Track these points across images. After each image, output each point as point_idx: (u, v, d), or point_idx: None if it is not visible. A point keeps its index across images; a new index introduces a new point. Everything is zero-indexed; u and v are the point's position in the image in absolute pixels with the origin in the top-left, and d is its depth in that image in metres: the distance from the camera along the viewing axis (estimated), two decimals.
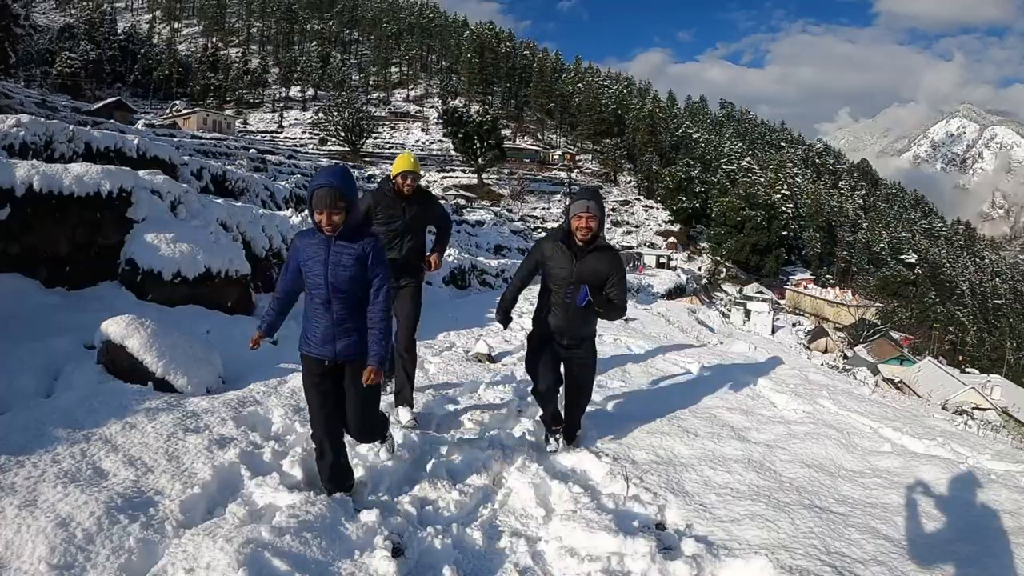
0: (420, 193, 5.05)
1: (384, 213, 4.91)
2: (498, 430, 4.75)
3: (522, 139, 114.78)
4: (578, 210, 4.19)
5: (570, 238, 4.27)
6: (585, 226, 4.15)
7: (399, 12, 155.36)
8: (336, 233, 3.24)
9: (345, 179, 3.24)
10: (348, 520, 3.15)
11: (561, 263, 4.28)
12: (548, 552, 3.22)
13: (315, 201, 3.19)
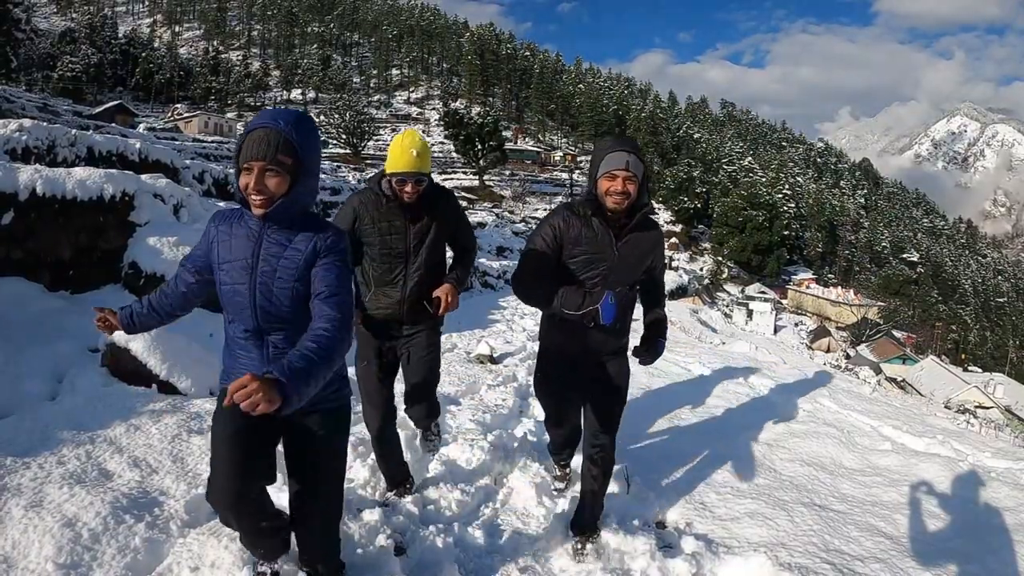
0: (431, 195, 3.27)
1: (374, 228, 3.23)
2: (500, 430, 4.76)
3: (523, 140, 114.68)
4: (612, 165, 2.82)
5: (602, 208, 2.92)
6: (621, 189, 2.81)
7: (399, 14, 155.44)
8: (270, 212, 2.09)
9: (301, 125, 2.10)
10: (351, 519, 3.17)
11: (595, 245, 2.97)
12: (550, 551, 3.24)
13: (244, 151, 2.06)
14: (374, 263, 3.33)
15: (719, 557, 3.30)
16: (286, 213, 2.12)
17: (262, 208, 2.07)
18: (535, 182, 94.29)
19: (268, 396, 1.65)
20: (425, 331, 3.46)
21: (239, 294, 2.21)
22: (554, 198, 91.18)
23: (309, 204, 2.20)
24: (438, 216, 3.33)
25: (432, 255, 3.36)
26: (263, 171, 2.03)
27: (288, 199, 2.08)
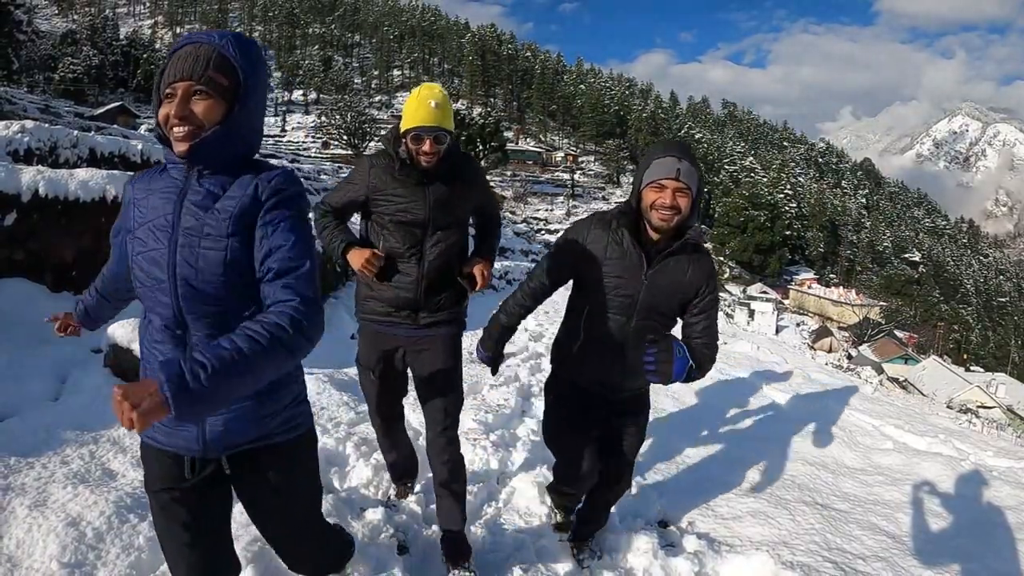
0: (454, 161, 2.81)
1: (388, 197, 2.78)
2: (502, 430, 4.77)
3: (524, 141, 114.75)
4: (660, 172, 2.40)
5: (639, 224, 2.55)
6: (670, 203, 2.38)
7: (400, 15, 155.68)
8: (198, 146, 1.61)
9: (242, 41, 1.69)
10: (354, 518, 3.19)
11: (620, 268, 2.57)
12: (552, 550, 3.25)
13: (166, 73, 1.61)
14: (385, 232, 2.82)
15: (721, 556, 3.31)
16: (220, 150, 1.63)
17: (186, 141, 1.58)
18: (536, 183, 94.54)
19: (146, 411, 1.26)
20: (444, 328, 2.92)
21: (154, 265, 1.66)
22: (555, 198, 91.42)
23: (253, 147, 1.73)
24: (462, 182, 2.86)
25: (455, 226, 2.88)
26: (189, 93, 1.57)
27: (223, 130, 1.61)
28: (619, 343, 2.67)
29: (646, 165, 2.46)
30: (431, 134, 2.64)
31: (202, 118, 1.59)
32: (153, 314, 1.72)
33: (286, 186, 1.69)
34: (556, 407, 2.99)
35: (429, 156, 2.68)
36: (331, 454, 3.92)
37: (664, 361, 2.26)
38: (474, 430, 4.67)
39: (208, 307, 1.65)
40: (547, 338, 9.67)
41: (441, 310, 2.89)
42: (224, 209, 1.64)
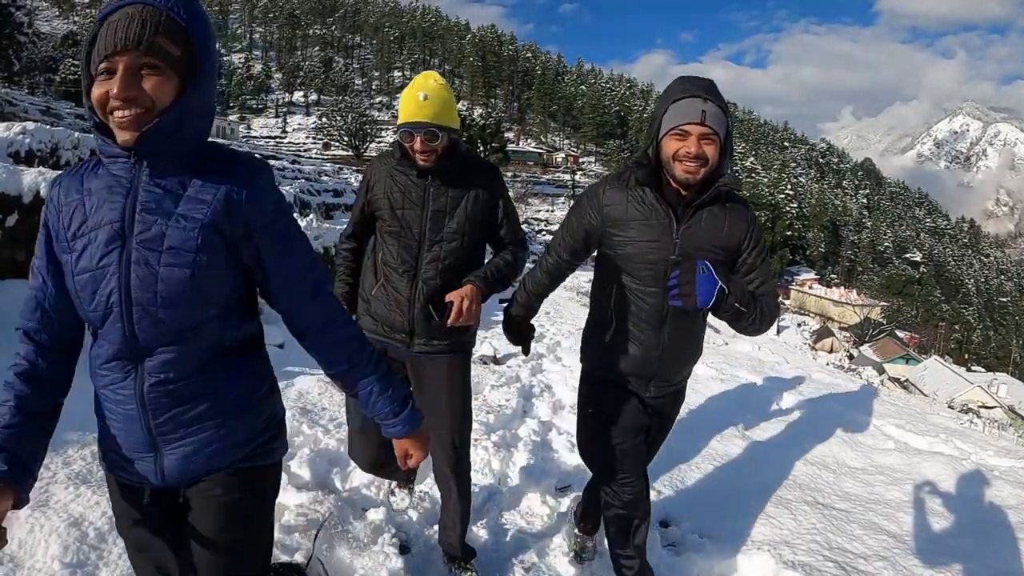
0: (464, 165, 2.55)
1: (385, 196, 2.56)
2: (503, 431, 4.78)
3: (525, 142, 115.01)
4: (682, 117, 2.06)
5: (659, 178, 2.20)
6: (696, 152, 2.04)
7: (401, 16, 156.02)
8: (148, 135, 1.29)
9: (187, 2, 1.33)
10: (356, 519, 3.19)
11: (646, 230, 2.22)
12: (553, 550, 3.25)
13: (100, 43, 1.27)
14: (383, 240, 2.61)
15: (722, 555, 3.31)
16: (175, 139, 1.31)
17: (133, 128, 1.26)
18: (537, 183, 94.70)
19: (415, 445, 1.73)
20: (446, 356, 2.62)
21: (99, 288, 1.34)
22: (556, 199, 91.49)
23: (206, 131, 1.41)
24: (471, 191, 2.53)
25: (457, 241, 2.53)
26: (134, 68, 1.24)
27: (177, 113, 1.29)
28: (656, 321, 2.31)
29: (663, 109, 2.10)
30: (419, 131, 2.40)
31: (152, 98, 1.27)
32: (102, 340, 1.41)
33: (269, 192, 1.45)
34: (591, 411, 2.55)
35: (424, 156, 2.44)
36: (332, 455, 3.92)
37: (686, 283, 2.01)
38: (475, 431, 4.68)
39: (170, 336, 1.37)
40: (548, 339, 9.68)
41: (439, 338, 2.58)
42: (190, 216, 1.34)
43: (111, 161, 1.37)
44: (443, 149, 2.48)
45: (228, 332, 1.47)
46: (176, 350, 1.39)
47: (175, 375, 1.40)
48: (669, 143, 2.10)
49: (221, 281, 1.41)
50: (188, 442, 1.46)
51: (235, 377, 1.49)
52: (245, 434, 1.53)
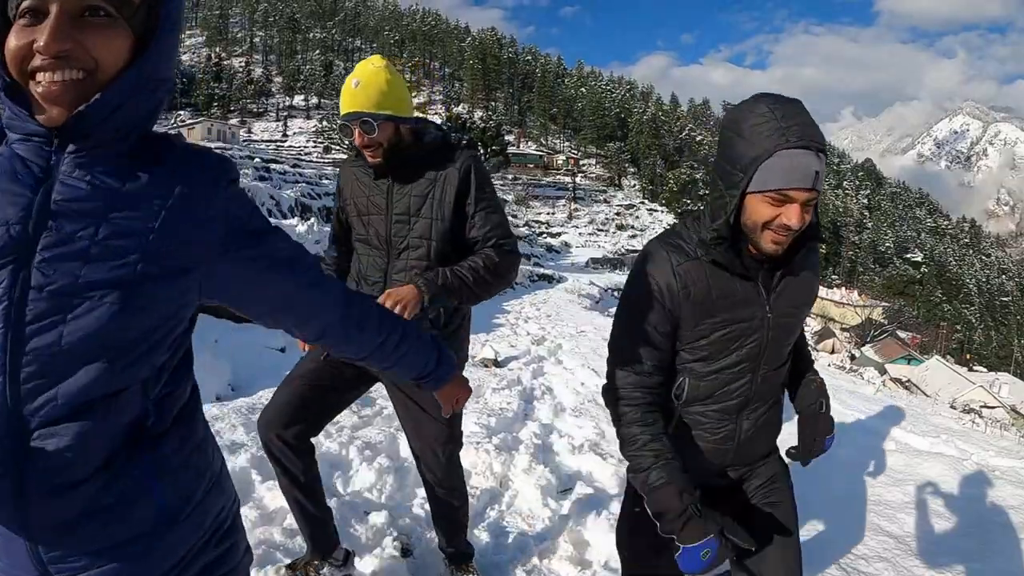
0: (426, 154, 2.28)
1: (352, 203, 2.40)
2: (504, 433, 4.79)
3: (526, 144, 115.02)
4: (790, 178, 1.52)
5: (739, 243, 1.69)
6: (797, 225, 1.55)
7: (401, 20, 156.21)
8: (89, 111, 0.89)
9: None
10: (358, 522, 3.20)
11: (732, 309, 1.75)
12: (555, 552, 3.26)
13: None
14: (356, 248, 2.46)
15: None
16: (120, 119, 0.93)
17: (62, 104, 0.88)
18: (538, 186, 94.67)
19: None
20: None
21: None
22: (557, 202, 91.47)
23: (158, 107, 1.01)
24: (437, 187, 2.24)
25: (424, 248, 2.27)
26: (73, 11, 0.87)
27: (127, 85, 0.92)
28: (735, 413, 1.85)
29: (760, 156, 1.52)
30: (353, 122, 2.16)
31: (96, 58, 0.88)
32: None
33: (241, 195, 1.10)
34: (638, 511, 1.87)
35: (369, 151, 2.21)
36: (334, 458, 3.94)
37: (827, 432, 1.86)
38: (476, 434, 4.69)
39: (69, 410, 0.90)
40: (548, 342, 9.70)
41: None
42: (128, 225, 0.93)
43: (19, 142, 0.93)
44: (389, 141, 2.20)
45: (155, 404, 1.03)
46: (76, 432, 0.90)
47: (73, 472, 0.91)
48: (760, 207, 1.57)
49: (162, 325, 0.99)
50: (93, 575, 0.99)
51: (161, 473, 1.03)
52: (174, 559, 1.08)
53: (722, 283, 1.72)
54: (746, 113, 1.57)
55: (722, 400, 1.84)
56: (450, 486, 2.67)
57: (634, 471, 1.76)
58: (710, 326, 1.75)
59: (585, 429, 5.12)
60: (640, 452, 1.73)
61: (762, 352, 1.80)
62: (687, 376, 1.84)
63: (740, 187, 1.57)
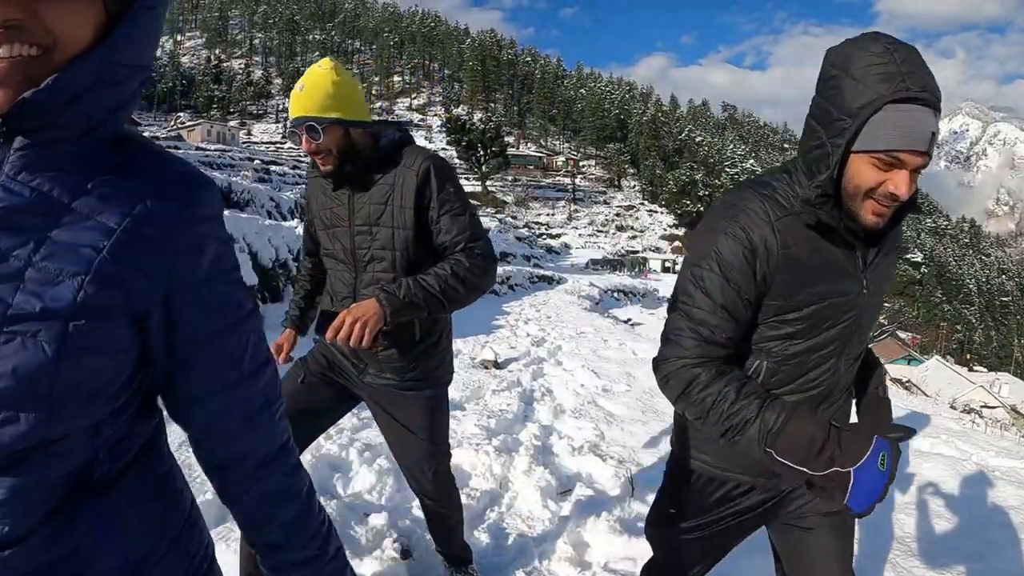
0: (383, 160, 2.12)
1: (320, 219, 2.28)
2: (504, 435, 4.78)
3: (525, 146, 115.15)
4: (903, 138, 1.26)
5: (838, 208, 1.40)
6: (904, 193, 1.30)
7: (400, 21, 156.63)
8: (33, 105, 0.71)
9: None
10: (357, 524, 3.20)
11: (830, 279, 1.48)
12: (554, 554, 3.26)
13: None
14: (326, 263, 2.35)
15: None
16: (80, 111, 0.76)
17: (7, 86, 0.71)
18: (538, 187, 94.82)
19: None
20: (410, 395, 2.26)
21: None
22: (556, 203, 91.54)
23: (130, 101, 0.83)
24: (396, 194, 2.09)
25: (388, 260, 2.14)
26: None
27: (92, 67, 0.74)
28: (814, 406, 1.60)
29: (875, 99, 1.26)
30: (299, 128, 2.03)
31: (54, 31, 0.72)
32: None
33: (214, 226, 0.90)
34: (674, 512, 1.81)
35: (319, 159, 2.07)
36: (334, 460, 3.94)
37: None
38: (476, 435, 4.69)
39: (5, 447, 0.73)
40: (548, 343, 9.69)
41: (392, 373, 2.22)
42: (73, 248, 0.76)
43: None
44: (339, 147, 2.06)
45: (108, 448, 0.86)
46: (10, 486, 0.75)
47: (10, 528, 0.76)
48: (865, 169, 1.33)
49: (106, 371, 0.80)
50: None
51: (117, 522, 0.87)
52: None
53: (822, 248, 1.46)
54: (859, 50, 1.30)
55: (803, 390, 1.58)
56: (441, 498, 2.57)
57: (736, 431, 1.43)
58: (806, 297, 1.48)
59: (585, 430, 5.12)
60: (737, 405, 1.42)
61: (852, 334, 1.57)
62: (765, 359, 1.56)
63: (846, 137, 1.31)
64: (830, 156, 1.35)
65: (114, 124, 0.82)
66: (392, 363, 2.20)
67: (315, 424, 2.39)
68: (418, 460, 2.41)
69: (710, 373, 1.46)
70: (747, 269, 1.44)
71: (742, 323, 1.50)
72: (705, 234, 1.52)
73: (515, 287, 21.04)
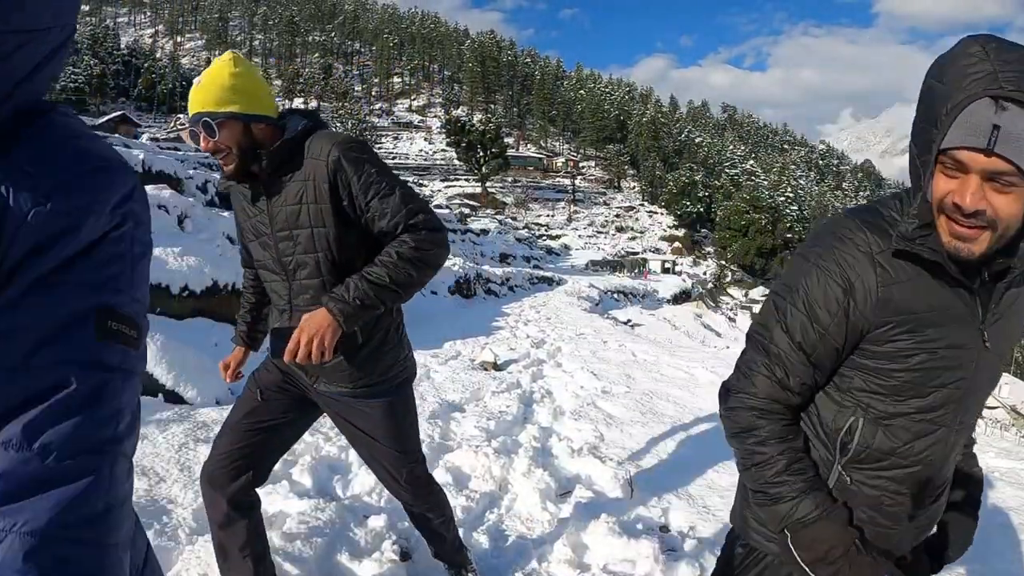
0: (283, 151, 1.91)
1: (242, 229, 2.15)
2: (504, 437, 4.79)
3: (525, 147, 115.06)
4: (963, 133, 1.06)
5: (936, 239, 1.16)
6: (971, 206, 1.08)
7: (400, 22, 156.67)
8: None
9: None
10: (357, 526, 3.20)
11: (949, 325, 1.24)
12: (554, 556, 3.26)
13: None
14: (261, 276, 2.19)
15: None
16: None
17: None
18: (537, 188, 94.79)
19: None
20: (366, 401, 2.10)
21: None
22: (556, 204, 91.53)
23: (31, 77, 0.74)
24: (310, 186, 1.90)
25: (311, 266, 1.97)
26: None
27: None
28: (917, 485, 1.37)
29: (961, 100, 1.07)
30: (198, 125, 1.87)
31: None
32: None
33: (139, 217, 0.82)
34: None
35: (220, 159, 1.92)
36: (334, 461, 3.94)
37: None
38: (476, 437, 4.70)
39: None
40: (548, 344, 9.70)
41: (341, 382, 2.06)
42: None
43: None
44: (240, 144, 1.90)
45: None
46: None
47: None
48: (938, 181, 1.15)
49: None
50: None
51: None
52: None
53: (932, 288, 1.24)
54: (954, 54, 1.14)
55: (904, 464, 1.33)
56: (418, 503, 2.43)
57: (768, 499, 1.34)
58: (912, 346, 1.26)
59: (584, 432, 5.12)
60: (780, 479, 1.31)
61: (966, 397, 1.32)
62: (862, 416, 1.33)
63: (934, 151, 1.13)
64: (921, 177, 1.17)
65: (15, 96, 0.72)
66: (340, 372, 2.02)
67: (282, 440, 2.28)
68: (387, 467, 2.28)
69: (771, 429, 1.35)
70: (838, 311, 1.27)
71: (824, 370, 1.34)
72: (798, 262, 1.35)
73: (515, 288, 21.08)
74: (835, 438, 1.35)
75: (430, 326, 10.71)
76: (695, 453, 4.79)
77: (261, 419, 2.15)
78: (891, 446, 1.32)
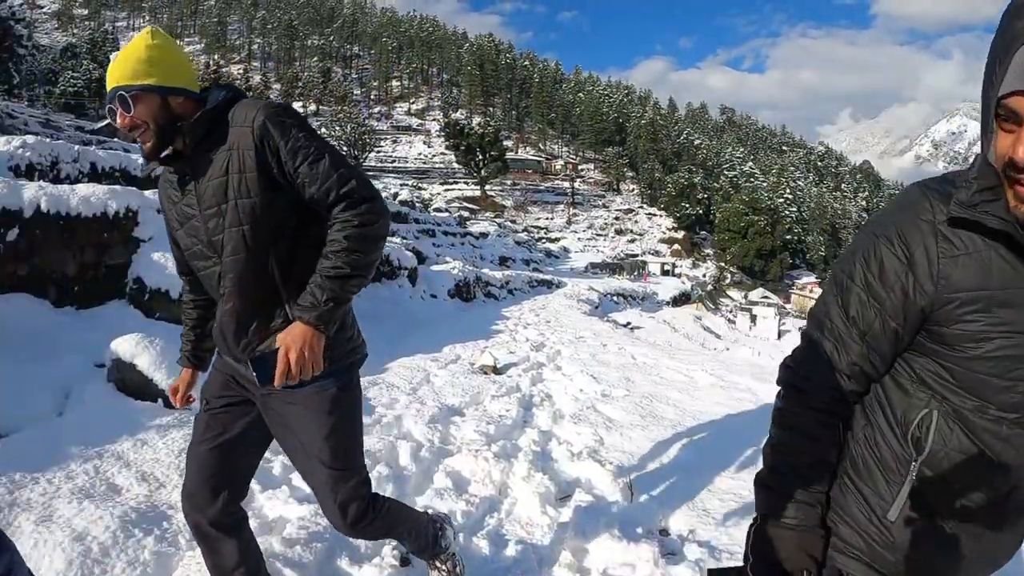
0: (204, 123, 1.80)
1: (169, 221, 2.01)
2: (504, 441, 4.79)
3: (524, 150, 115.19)
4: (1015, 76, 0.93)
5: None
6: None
7: (399, 26, 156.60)
8: None
9: None
10: None
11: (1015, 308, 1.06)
12: (554, 560, 3.26)
13: None
14: (194, 268, 2.03)
15: (721, 563, 3.31)
16: None
17: None
18: (537, 191, 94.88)
19: None
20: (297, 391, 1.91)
21: None
22: (555, 207, 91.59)
23: None
24: (236, 155, 1.79)
25: (239, 236, 1.83)
26: None
27: None
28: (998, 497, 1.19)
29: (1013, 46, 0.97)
30: (112, 102, 1.78)
31: None
32: None
33: None
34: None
35: (139, 136, 1.82)
36: None
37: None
38: (475, 441, 4.70)
39: None
40: (548, 348, 9.69)
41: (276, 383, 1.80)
42: None
43: None
44: (157, 120, 1.79)
45: None
46: None
47: None
48: (999, 136, 1.01)
49: None
50: None
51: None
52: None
53: (1006, 263, 1.08)
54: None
55: (981, 484, 1.17)
56: (362, 536, 2.23)
57: (764, 484, 1.33)
58: (984, 329, 1.10)
59: (584, 436, 5.12)
60: (794, 473, 1.28)
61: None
62: (936, 408, 1.19)
63: (992, 103, 0.99)
64: (983, 134, 1.03)
65: None
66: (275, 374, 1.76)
67: (247, 449, 2.14)
68: (318, 488, 2.05)
69: (811, 417, 1.28)
70: (896, 285, 1.16)
71: (881, 355, 1.23)
72: (860, 234, 1.26)
73: (514, 291, 21.06)
74: (906, 431, 1.21)
75: (429, 329, 10.71)
76: (695, 456, 4.79)
77: (217, 434, 2.04)
78: (968, 446, 1.16)
